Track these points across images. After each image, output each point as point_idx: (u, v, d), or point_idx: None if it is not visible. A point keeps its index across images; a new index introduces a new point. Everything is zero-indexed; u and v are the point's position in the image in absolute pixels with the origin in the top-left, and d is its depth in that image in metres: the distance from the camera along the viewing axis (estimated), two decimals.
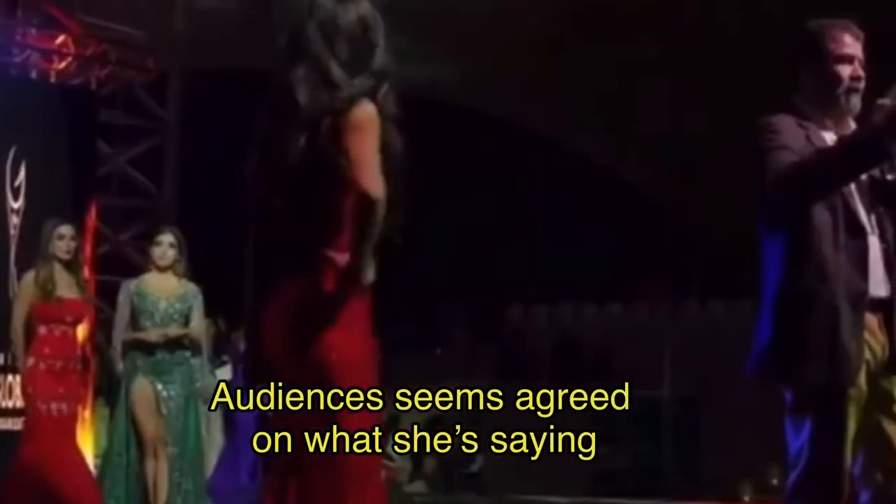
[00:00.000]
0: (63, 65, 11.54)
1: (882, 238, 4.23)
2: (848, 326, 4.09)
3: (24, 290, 7.91)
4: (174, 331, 7.76)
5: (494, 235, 17.24)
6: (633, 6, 14.22)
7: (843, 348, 4.08)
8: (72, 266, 7.81)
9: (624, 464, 12.95)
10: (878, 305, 4.20)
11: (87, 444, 9.85)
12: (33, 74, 11.47)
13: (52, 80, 11.60)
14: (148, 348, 7.77)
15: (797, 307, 4.11)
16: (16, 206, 11.00)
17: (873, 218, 4.23)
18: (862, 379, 4.16)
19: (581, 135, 17.71)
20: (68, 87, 11.74)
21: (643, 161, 17.07)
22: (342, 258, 3.69)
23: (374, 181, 3.59)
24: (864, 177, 4.24)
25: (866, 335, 4.18)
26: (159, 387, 7.76)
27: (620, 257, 16.30)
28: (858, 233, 4.17)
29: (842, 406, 4.11)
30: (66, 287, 7.77)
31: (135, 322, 7.82)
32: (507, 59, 15.19)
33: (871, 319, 4.20)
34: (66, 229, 7.84)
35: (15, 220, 10.95)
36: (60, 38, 11.48)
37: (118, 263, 11.81)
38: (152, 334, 7.75)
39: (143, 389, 7.75)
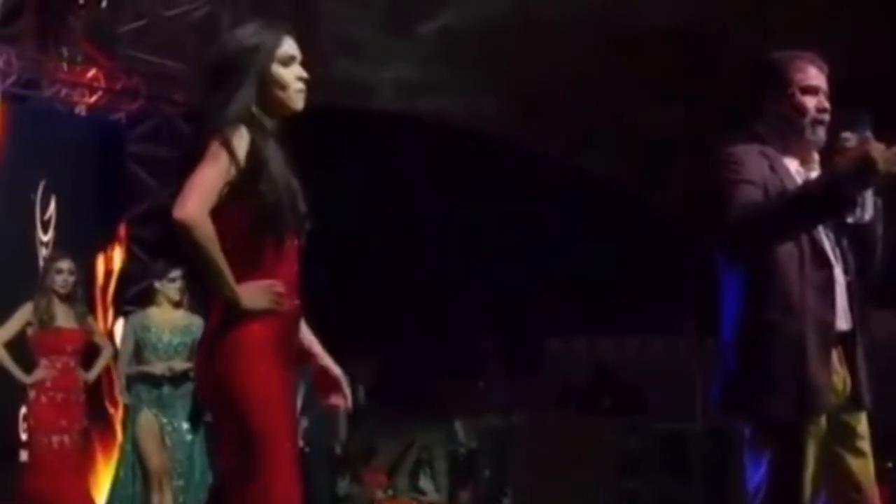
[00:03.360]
0: (94, 99, 11.67)
1: (845, 271, 4.17)
2: (815, 358, 4.03)
3: (21, 312, 7.99)
4: (179, 364, 7.81)
5: (536, 267, 17.18)
6: (660, 36, 14.14)
7: (811, 381, 4.02)
8: (70, 299, 7.91)
9: (653, 498, 12.78)
10: (839, 338, 4.14)
11: (109, 476, 9.88)
12: (64, 108, 11.61)
13: (83, 113, 11.73)
14: (153, 381, 7.83)
15: (760, 341, 4.05)
16: (45, 238, 11.12)
17: (837, 250, 4.18)
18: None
19: (621, 169, 17.61)
20: (99, 120, 11.87)
21: (681, 193, 16.95)
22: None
23: (179, 203, 3.50)
24: None
25: None
26: (164, 420, 7.81)
27: (660, 289, 16.17)
28: (824, 264, 4.11)
29: (801, 441, 4.04)
30: (64, 318, 7.86)
31: (139, 355, 7.89)
32: (541, 89, 15.16)
33: (833, 353, 4.13)
34: (64, 264, 7.96)
35: (44, 252, 11.06)
36: (91, 72, 11.60)
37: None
38: (158, 367, 7.81)
39: (147, 422, 7.81)
